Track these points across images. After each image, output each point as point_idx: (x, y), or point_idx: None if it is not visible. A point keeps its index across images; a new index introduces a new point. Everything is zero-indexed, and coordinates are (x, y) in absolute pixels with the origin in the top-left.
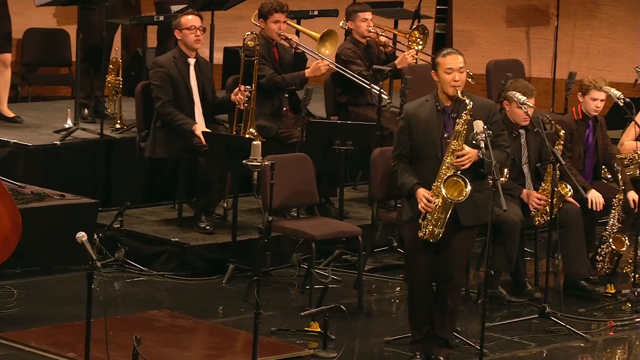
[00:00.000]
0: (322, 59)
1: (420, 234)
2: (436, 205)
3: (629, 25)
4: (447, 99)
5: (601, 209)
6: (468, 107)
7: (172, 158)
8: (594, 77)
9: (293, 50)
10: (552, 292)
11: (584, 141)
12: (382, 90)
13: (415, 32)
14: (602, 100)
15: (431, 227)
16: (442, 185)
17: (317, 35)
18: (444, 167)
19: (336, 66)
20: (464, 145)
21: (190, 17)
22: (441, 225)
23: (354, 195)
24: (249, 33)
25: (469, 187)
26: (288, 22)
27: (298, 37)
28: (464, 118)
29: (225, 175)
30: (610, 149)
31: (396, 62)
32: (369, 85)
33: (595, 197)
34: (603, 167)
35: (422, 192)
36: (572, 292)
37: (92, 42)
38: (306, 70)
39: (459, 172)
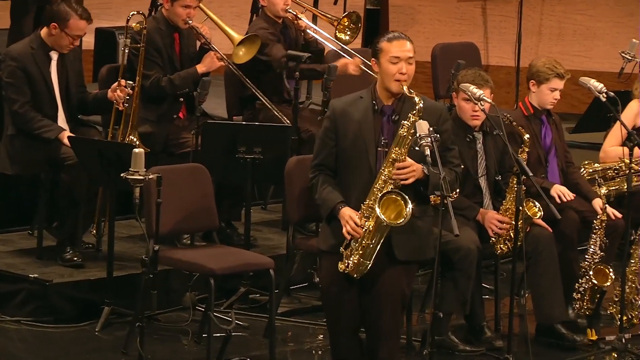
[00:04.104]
0: (215, 52)
1: (341, 267)
2: (366, 230)
3: None
4: (388, 97)
5: (572, 198)
6: (417, 107)
7: (29, 174)
8: (551, 61)
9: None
10: (518, 340)
11: (542, 141)
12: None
13: (345, 20)
14: (560, 90)
15: (356, 258)
16: (376, 204)
17: (237, 37)
18: (379, 181)
19: (232, 66)
20: (407, 157)
21: (82, 23)
22: (369, 256)
23: (263, 217)
24: (135, 13)
25: (409, 207)
26: (201, 7)
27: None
28: (411, 120)
29: (95, 194)
30: (570, 156)
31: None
32: (268, 102)
33: (560, 191)
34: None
35: (348, 212)
36: (544, 339)
37: None
38: (198, 66)
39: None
